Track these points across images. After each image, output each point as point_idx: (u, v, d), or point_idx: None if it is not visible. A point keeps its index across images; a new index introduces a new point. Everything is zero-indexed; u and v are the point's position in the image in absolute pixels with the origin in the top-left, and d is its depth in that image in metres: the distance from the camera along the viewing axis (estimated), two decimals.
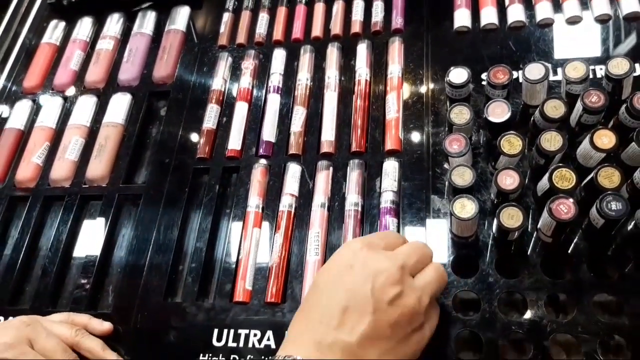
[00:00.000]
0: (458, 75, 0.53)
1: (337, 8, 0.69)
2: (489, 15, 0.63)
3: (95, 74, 0.73)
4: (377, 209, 0.54)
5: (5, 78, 0.77)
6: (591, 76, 0.55)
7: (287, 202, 0.57)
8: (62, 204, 0.64)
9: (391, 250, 0.41)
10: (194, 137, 0.64)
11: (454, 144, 0.49)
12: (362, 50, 0.65)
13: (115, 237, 0.62)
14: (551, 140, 0.47)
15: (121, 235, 0.62)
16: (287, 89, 0.65)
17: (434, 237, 0.51)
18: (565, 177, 0.46)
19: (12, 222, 0.66)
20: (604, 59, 0.57)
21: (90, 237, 0.61)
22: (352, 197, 0.55)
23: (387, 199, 0.54)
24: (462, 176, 0.48)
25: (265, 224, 0.57)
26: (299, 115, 0.62)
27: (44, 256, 0.62)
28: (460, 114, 0.51)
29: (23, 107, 0.73)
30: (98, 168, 0.64)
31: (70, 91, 0.73)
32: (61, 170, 0.65)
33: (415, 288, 0.39)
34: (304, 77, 0.65)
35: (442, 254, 0.50)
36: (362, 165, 0.58)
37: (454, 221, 0.48)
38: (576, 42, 0.60)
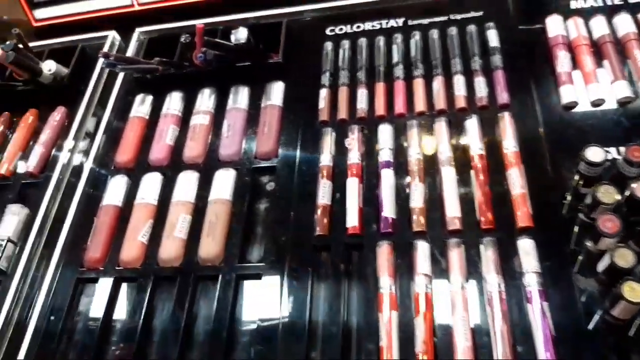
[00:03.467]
0: (595, 153, 0.54)
1: (438, 83, 0.70)
2: (596, 91, 0.64)
3: (194, 148, 0.73)
4: (520, 290, 0.54)
5: (95, 152, 0.77)
6: None
7: (421, 282, 0.56)
8: (174, 285, 0.62)
9: None
10: (308, 213, 0.64)
11: (607, 224, 0.49)
12: (472, 124, 0.66)
13: (235, 318, 0.59)
14: None
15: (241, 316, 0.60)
16: (399, 164, 0.65)
17: (586, 318, 0.50)
18: None
19: (117, 303, 0.64)
20: None
21: (209, 319, 0.59)
22: (492, 278, 0.55)
23: (532, 280, 0.53)
24: (625, 258, 0.48)
25: (402, 306, 0.55)
26: (418, 191, 0.62)
27: (159, 342, 0.60)
28: (607, 194, 0.51)
29: (118, 183, 0.72)
30: (211, 246, 0.63)
31: (169, 167, 0.72)
32: (171, 249, 0.64)
33: None
34: (414, 151, 0.65)
35: (594, 336, 0.49)
36: (495, 242, 0.57)
37: (621, 304, 0.47)
38: None
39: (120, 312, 0.63)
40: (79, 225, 0.70)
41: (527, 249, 0.55)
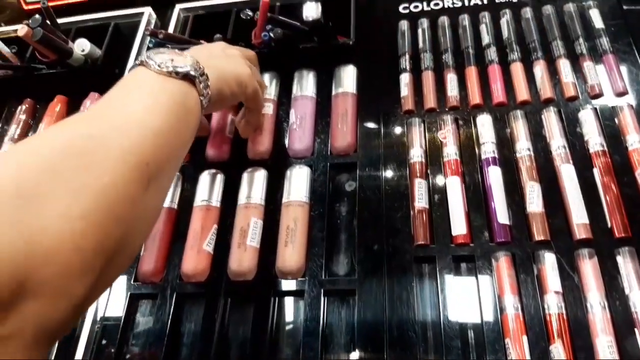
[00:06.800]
0: None
1: (541, 69, 0.62)
2: None
3: (260, 142, 0.63)
4: None
5: None
6: None
7: (553, 301, 0.48)
8: (250, 301, 0.53)
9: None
10: (403, 219, 0.55)
11: None
12: (587, 116, 0.57)
13: (328, 336, 0.51)
14: None
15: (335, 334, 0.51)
16: (506, 161, 0.57)
17: None
18: None
19: (183, 323, 0.55)
20: None
21: (295, 341, 0.51)
22: (637, 295, 0.46)
23: None
24: None
25: (531, 331, 0.47)
26: (535, 193, 0.53)
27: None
28: None
29: None
30: (293, 257, 0.54)
31: (231, 163, 0.63)
32: (245, 260, 0.55)
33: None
34: (524, 146, 0.57)
35: None
36: (634, 253, 0.49)
37: None
38: None
39: (188, 335, 0.54)
40: None
41: None
